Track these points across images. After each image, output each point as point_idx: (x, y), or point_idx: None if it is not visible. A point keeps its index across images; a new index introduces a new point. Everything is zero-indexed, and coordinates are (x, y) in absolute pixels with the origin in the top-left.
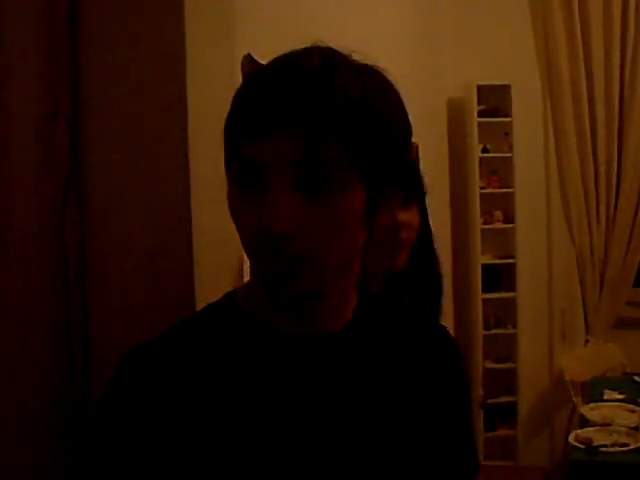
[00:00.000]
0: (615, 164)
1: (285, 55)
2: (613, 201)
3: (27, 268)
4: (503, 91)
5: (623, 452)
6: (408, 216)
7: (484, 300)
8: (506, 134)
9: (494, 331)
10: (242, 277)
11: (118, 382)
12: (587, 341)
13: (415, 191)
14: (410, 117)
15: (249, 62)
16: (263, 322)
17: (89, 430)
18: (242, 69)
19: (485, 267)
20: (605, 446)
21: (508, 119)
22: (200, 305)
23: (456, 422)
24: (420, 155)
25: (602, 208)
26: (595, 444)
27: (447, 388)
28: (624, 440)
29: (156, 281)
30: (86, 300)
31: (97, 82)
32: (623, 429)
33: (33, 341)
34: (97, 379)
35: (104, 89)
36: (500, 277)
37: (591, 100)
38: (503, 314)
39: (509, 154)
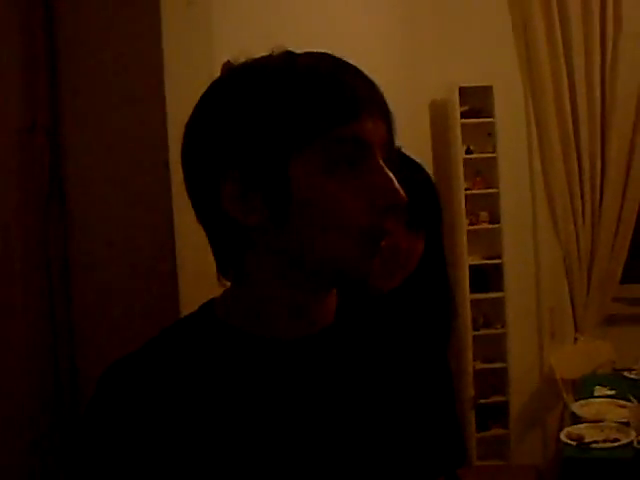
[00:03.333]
0: (599, 162)
1: (306, 53)
2: (598, 199)
3: (9, 282)
4: (485, 92)
5: (615, 447)
6: (411, 241)
7: (472, 301)
8: (489, 135)
9: (483, 331)
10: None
11: (100, 400)
12: (576, 339)
13: (426, 215)
14: None
15: (229, 69)
16: (244, 331)
17: (74, 450)
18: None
19: (472, 268)
20: (597, 442)
21: (491, 120)
22: (184, 305)
23: (436, 412)
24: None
25: (587, 206)
26: (587, 440)
27: (426, 378)
28: (615, 435)
29: (140, 287)
30: (70, 313)
31: (76, 93)
32: (614, 425)
33: (17, 344)
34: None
35: (83, 100)
36: (487, 277)
37: (573, 99)
38: (491, 314)
39: (493, 154)
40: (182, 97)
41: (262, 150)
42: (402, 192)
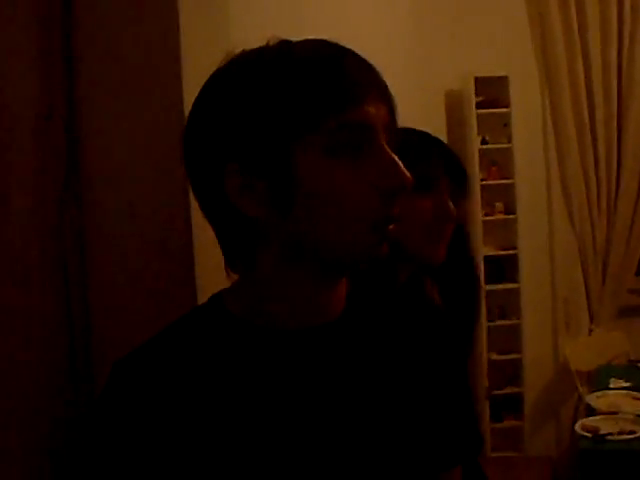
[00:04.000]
0: (615, 153)
1: (307, 40)
2: (614, 189)
3: (26, 269)
4: (501, 82)
5: (630, 440)
6: (456, 208)
7: (487, 292)
8: (505, 125)
9: (498, 322)
10: None
11: (112, 390)
12: (591, 330)
13: (464, 186)
14: None
15: (228, 59)
16: (253, 322)
17: (85, 443)
18: None
19: (487, 259)
20: (612, 434)
21: (507, 110)
22: (202, 299)
23: (452, 401)
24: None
25: (603, 196)
26: (602, 432)
27: (440, 367)
28: (631, 428)
29: (157, 277)
30: (87, 299)
31: (93, 80)
32: (629, 417)
33: (34, 339)
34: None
35: (100, 89)
36: (503, 268)
37: (589, 89)
38: (506, 305)
39: (508, 145)
40: (200, 83)
41: (266, 138)
42: (407, 175)
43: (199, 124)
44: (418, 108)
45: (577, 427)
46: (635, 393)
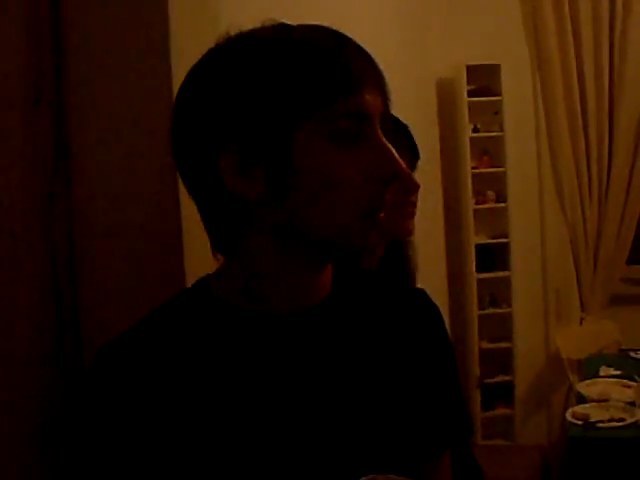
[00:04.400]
0: (606, 140)
1: (305, 26)
2: (605, 178)
3: (14, 258)
4: (493, 70)
5: (620, 427)
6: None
7: (478, 280)
8: (496, 113)
9: (489, 311)
10: None
11: (97, 376)
12: (582, 319)
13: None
14: None
15: (225, 39)
16: (238, 306)
17: (73, 432)
18: None
19: (479, 247)
20: (602, 422)
21: (498, 98)
22: (191, 283)
23: (440, 384)
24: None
25: (594, 185)
26: (592, 420)
27: (428, 350)
28: (621, 415)
29: (145, 263)
30: (77, 285)
31: (82, 68)
32: (620, 404)
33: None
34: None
35: (89, 75)
36: (494, 257)
37: (581, 77)
38: (498, 294)
39: (500, 133)
40: (189, 67)
41: (264, 122)
42: (402, 164)
43: (194, 102)
44: (410, 96)
45: (567, 415)
46: (625, 381)
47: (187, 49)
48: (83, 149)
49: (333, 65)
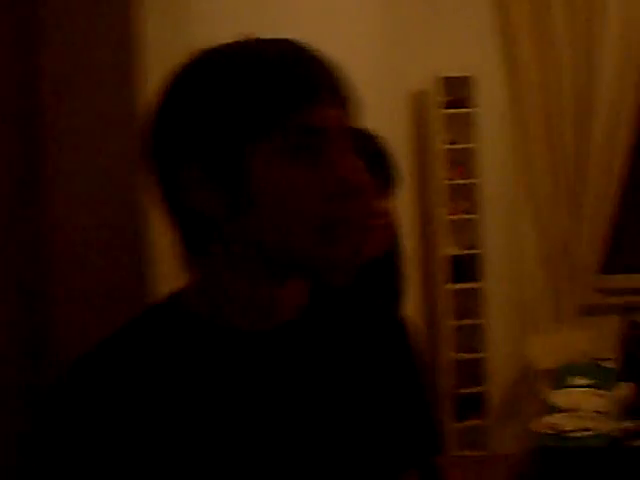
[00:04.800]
0: (582, 151)
1: (266, 40)
2: (579, 189)
3: None
4: (467, 82)
5: (589, 436)
6: (382, 203)
7: (451, 291)
8: (470, 125)
9: (462, 322)
10: None
11: (70, 395)
12: (555, 329)
13: (389, 181)
14: None
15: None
16: (208, 321)
17: (33, 452)
18: None
19: (452, 258)
20: (573, 431)
21: (472, 110)
22: (156, 292)
23: (406, 402)
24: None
25: (568, 196)
26: (562, 429)
27: (392, 368)
28: (590, 425)
29: (112, 270)
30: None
31: (55, 78)
32: (589, 414)
33: None
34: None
35: (62, 84)
36: (468, 268)
37: (556, 88)
38: (471, 305)
39: (474, 145)
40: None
41: (220, 139)
42: (363, 177)
43: (158, 119)
44: (384, 108)
45: (538, 424)
46: (595, 390)
47: (154, 66)
48: (52, 159)
49: (286, 79)
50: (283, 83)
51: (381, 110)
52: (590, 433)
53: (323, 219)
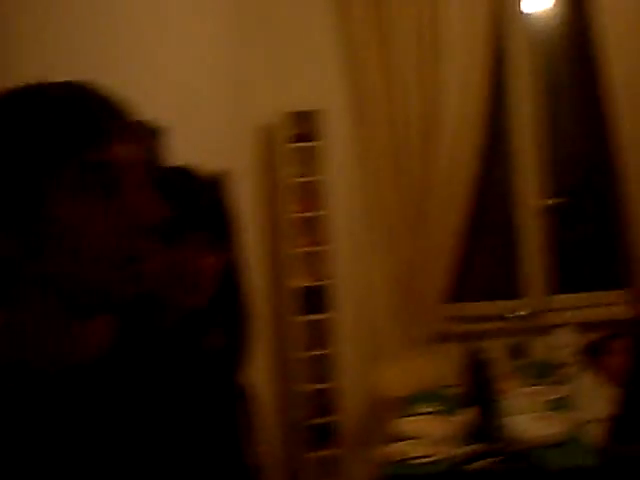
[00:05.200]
0: (427, 182)
1: (57, 83)
2: (425, 220)
3: None
4: (314, 117)
5: (430, 462)
6: (207, 260)
7: (300, 323)
8: (318, 159)
9: (311, 353)
10: None
11: None
12: (404, 357)
13: (221, 233)
14: None
15: None
16: (15, 364)
17: None
18: None
19: (302, 290)
20: (415, 458)
21: (319, 143)
22: None
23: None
24: (231, 184)
25: (415, 227)
26: (406, 457)
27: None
28: (432, 451)
29: None
30: None
31: None
32: (433, 440)
33: None
34: None
35: None
36: (317, 299)
37: (401, 121)
38: (320, 335)
39: (321, 178)
40: None
41: (15, 177)
42: (155, 212)
43: None
44: (231, 145)
45: (385, 453)
46: (440, 416)
47: None
48: None
49: (74, 118)
50: (70, 121)
51: (229, 144)
52: (431, 459)
53: (121, 254)
